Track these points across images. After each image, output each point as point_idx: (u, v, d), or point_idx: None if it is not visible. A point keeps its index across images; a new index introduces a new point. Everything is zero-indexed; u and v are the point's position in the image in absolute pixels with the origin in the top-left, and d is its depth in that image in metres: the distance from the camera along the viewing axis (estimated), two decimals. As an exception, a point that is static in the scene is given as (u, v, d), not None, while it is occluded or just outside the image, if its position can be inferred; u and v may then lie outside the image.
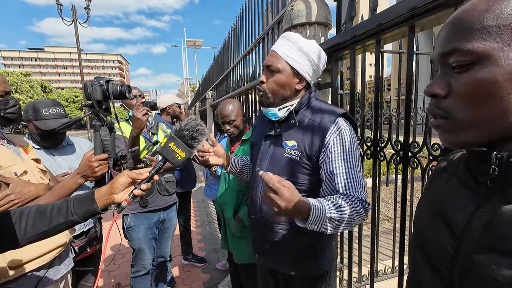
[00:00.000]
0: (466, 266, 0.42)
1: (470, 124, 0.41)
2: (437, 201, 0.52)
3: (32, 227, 0.71)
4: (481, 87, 0.38)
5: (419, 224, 0.55)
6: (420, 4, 0.92)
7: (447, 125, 0.43)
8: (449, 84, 0.42)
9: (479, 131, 0.40)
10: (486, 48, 0.37)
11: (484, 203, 0.43)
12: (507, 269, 0.37)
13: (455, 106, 0.42)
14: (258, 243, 1.19)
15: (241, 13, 3.09)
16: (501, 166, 0.39)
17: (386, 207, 4.43)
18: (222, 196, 1.80)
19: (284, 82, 1.04)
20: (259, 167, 1.15)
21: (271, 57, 1.05)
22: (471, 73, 0.39)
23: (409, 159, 1.14)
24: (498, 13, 0.37)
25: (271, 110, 1.09)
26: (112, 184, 0.76)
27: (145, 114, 1.52)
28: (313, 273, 1.10)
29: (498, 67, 0.37)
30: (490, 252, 0.39)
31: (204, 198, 5.18)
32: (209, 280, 2.64)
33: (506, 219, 0.39)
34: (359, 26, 1.20)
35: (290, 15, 1.58)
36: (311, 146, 1.00)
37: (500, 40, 0.37)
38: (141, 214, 1.94)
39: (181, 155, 0.79)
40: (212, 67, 6.01)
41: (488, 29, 0.37)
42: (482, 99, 0.38)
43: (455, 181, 0.50)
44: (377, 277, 2.21)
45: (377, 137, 1.32)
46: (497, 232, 0.39)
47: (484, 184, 0.43)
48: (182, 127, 0.80)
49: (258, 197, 1.14)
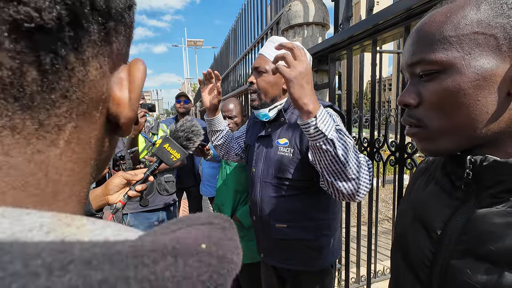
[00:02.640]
0: (443, 272, 0.42)
1: (443, 131, 0.41)
2: (416, 204, 0.53)
3: None
4: (447, 95, 0.39)
5: (400, 225, 0.56)
6: (416, 4, 0.92)
7: (422, 133, 0.44)
8: (420, 93, 0.43)
9: (453, 138, 0.41)
10: (449, 57, 0.38)
11: (460, 207, 0.43)
12: (481, 275, 0.37)
13: (427, 115, 0.42)
14: (263, 243, 1.20)
15: (240, 13, 3.09)
16: (475, 170, 0.40)
17: (386, 207, 4.42)
18: (220, 197, 1.80)
19: (272, 81, 1.08)
20: (255, 168, 1.16)
21: (259, 59, 1.10)
22: (438, 81, 0.40)
23: (405, 160, 1.14)
24: (456, 24, 0.38)
25: (262, 112, 1.12)
26: (107, 185, 0.77)
27: (143, 116, 1.52)
28: (318, 267, 1.11)
29: (462, 75, 0.38)
30: (466, 257, 0.39)
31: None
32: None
33: (480, 223, 0.39)
34: (355, 27, 1.20)
35: (288, 15, 1.58)
36: (301, 140, 1.03)
37: (461, 49, 0.38)
38: (140, 213, 1.95)
39: (176, 156, 0.79)
40: (213, 67, 6.01)
41: (449, 39, 0.38)
42: (450, 107, 0.39)
43: (433, 185, 0.50)
44: (375, 278, 2.20)
45: (374, 138, 1.32)
46: (472, 237, 0.39)
47: (460, 188, 0.44)
48: (177, 128, 0.80)
49: (257, 197, 1.16)
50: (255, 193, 1.17)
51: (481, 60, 0.37)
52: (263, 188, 1.13)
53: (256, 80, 1.11)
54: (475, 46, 0.37)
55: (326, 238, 1.11)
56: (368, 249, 1.47)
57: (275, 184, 1.09)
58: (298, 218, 1.07)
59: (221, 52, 4.74)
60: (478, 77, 0.37)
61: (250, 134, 1.31)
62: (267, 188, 1.12)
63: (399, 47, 2.00)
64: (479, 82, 0.37)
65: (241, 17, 3.08)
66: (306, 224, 1.07)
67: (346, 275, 1.61)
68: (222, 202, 1.76)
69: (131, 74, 0.21)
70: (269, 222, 1.12)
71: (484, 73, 0.37)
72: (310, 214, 1.08)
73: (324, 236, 1.10)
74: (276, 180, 1.08)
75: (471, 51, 0.37)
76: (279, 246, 1.13)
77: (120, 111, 0.21)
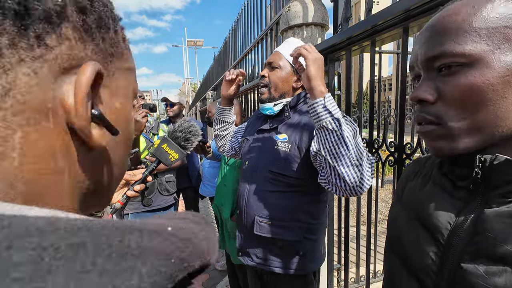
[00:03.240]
0: (453, 275, 0.40)
1: (464, 129, 0.39)
2: (413, 206, 0.51)
3: None
4: (474, 90, 0.37)
5: (394, 228, 0.54)
6: (415, 5, 0.92)
7: (439, 131, 0.41)
8: (438, 89, 0.41)
9: (474, 136, 0.39)
10: (478, 50, 0.37)
11: (465, 207, 0.42)
12: (498, 277, 0.35)
13: (448, 112, 0.40)
14: (244, 241, 1.19)
15: (240, 13, 3.10)
16: (484, 169, 0.38)
17: (386, 207, 4.42)
18: (219, 197, 1.80)
19: (284, 77, 1.12)
20: (249, 161, 1.17)
21: (274, 55, 1.14)
22: (462, 76, 0.38)
23: (404, 161, 1.15)
24: (485, 16, 0.37)
25: (268, 105, 1.14)
26: None
27: (144, 116, 1.53)
28: (299, 272, 1.09)
29: (491, 69, 0.36)
30: (479, 259, 0.38)
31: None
32: (207, 280, 2.65)
33: (492, 223, 0.37)
34: (354, 27, 1.20)
35: (287, 16, 1.59)
36: (301, 138, 1.04)
37: (491, 43, 0.36)
38: (141, 213, 1.96)
39: (174, 156, 0.80)
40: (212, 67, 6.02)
41: (478, 32, 0.37)
42: (475, 103, 0.38)
43: (431, 185, 0.49)
44: (375, 278, 2.21)
45: (372, 138, 1.32)
46: (483, 238, 0.38)
47: (463, 188, 0.42)
48: (175, 129, 0.81)
49: (245, 190, 1.16)
50: (244, 185, 1.16)
51: (510, 55, 0.36)
52: (253, 181, 1.13)
53: (268, 73, 1.14)
54: (505, 40, 0.36)
55: (310, 243, 1.09)
56: (367, 249, 1.48)
57: (266, 178, 1.09)
58: (283, 216, 1.06)
59: (221, 52, 4.75)
60: (508, 72, 0.36)
61: (249, 128, 1.31)
62: (258, 181, 1.11)
63: (398, 47, 2.00)
64: (509, 78, 0.36)
65: (241, 17, 3.08)
66: (290, 224, 1.06)
67: (346, 275, 1.62)
68: (222, 203, 1.76)
69: (77, 79, 0.20)
70: (253, 216, 1.11)
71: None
72: (296, 215, 1.06)
73: (307, 240, 1.08)
74: (268, 174, 1.08)
75: (501, 45, 0.36)
76: (260, 245, 1.11)
77: (70, 119, 0.20)
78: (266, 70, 1.14)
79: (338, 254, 2.10)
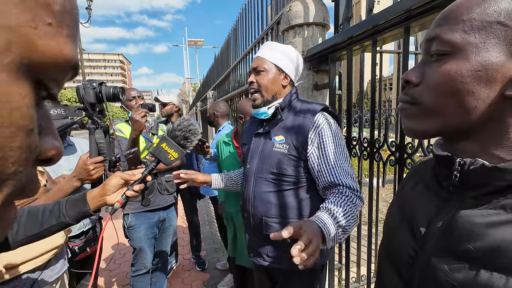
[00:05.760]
0: (424, 269, 0.43)
1: (431, 111, 0.41)
2: (404, 206, 0.53)
3: (23, 229, 0.71)
4: (447, 79, 0.39)
5: (388, 229, 0.56)
6: (416, 5, 0.92)
7: (411, 110, 0.44)
8: (423, 73, 0.43)
9: (438, 120, 0.41)
10: (463, 41, 0.37)
11: (445, 207, 0.43)
12: (459, 273, 0.37)
13: (423, 94, 0.42)
14: (253, 242, 1.22)
15: (241, 13, 3.09)
16: (462, 172, 0.40)
17: (387, 207, 4.41)
18: (230, 206, 1.84)
19: (272, 79, 1.14)
20: (250, 164, 1.20)
21: (256, 60, 1.16)
22: (442, 63, 0.39)
23: (405, 160, 1.14)
24: (485, 8, 0.36)
25: (262, 110, 1.16)
26: (104, 186, 0.77)
27: (143, 116, 1.52)
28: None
29: (467, 62, 0.37)
30: (446, 256, 0.40)
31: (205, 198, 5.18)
32: (208, 279, 2.65)
33: (461, 223, 0.39)
34: (355, 27, 1.20)
35: (288, 15, 1.58)
36: (297, 138, 1.08)
37: (479, 36, 0.36)
38: (141, 213, 1.96)
39: (173, 155, 0.79)
40: (213, 66, 6.02)
41: (473, 23, 0.37)
42: (446, 91, 0.39)
43: (422, 186, 0.51)
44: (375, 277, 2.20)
45: (373, 138, 1.32)
46: (453, 236, 0.40)
47: (446, 188, 0.44)
48: (174, 128, 0.80)
49: (250, 193, 1.18)
50: (248, 188, 1.19)
51: (491, 52, 0.36)
52: (256, 184, 1.16)
53: (255, 78, 1.15)
54: (492, 36, 0.36)
55: None
56: (369, 249, 1.47)
57: (268, 179, 1.12)
58: (289, 214, 1.10)
59: (222, 52, 4.74)
60: (481, 68, 0.36)
61: (247, 133, 1.33)
62: (260, 184, 1.14)
63: (399, 47, 2.00)
64: (480, 73, 0.36)
65: (242, 17, 3.08)
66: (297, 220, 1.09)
67: (347, 275, 1.61)
68: (233, 211, 1.80)
69: None
70: (260, 218, 1.14)
71: (488, 66, 0.36)
72: (301, 210, 1.10)
73: None
74: (270, 175, 1.11)
75: (486, 40, 0.36)
76: (269, 244, 1.14)
77: None
78: (253, 76, 1.16)
79: (339, 254, 2.10)
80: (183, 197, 2.86)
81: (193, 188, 2.77)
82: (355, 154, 1.45)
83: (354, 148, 1.46)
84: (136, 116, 1.50)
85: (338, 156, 1.03)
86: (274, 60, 1.13)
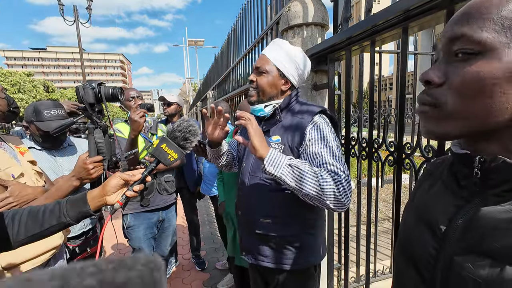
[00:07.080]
0: (446, 268, 0.43)
1: (456, 115, 0.40)
2: (421, 206, 0.52)
3: (24, 229, 0.71)
4: (477, 79, 0.37)
5: (404, 229, 0.56)
6: (414, 5, 0.92)
7: (432, 112, 0.42)
8: (447, 73, 0.41)
9: (462, 124, 0.40)
10: (494, 40, 0.36)
11: (465, 205, 0.43)
12: (483, 269, 0.37)
13: (447, 96, 0.40)
14: (246, 241, 1.22)
15: (241, 13, 3.09)
16: (483, 169, 0.40)
17: (387, 207, 4.42)
18: (230, 206, 1.85)
19: (271, 82, 1.12)
20: (245, 163, 1.20)
21: (261, 59, 1.14)
22: (472, 64, 0.38)
23: (403, 161, 1.15)
24: None
25: (258, 107, 1.15)
26: (104, 186, 0.77)
27: (142, 116, 1.52)
28: (301, 267, 1.12)
29: (500, 62, 0.36)
30: (469, 253, 0.40)
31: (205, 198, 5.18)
32: (208, 279, 2.65)
33: (484, 221, 0.39)
34: (354, 27, 1.20)
35: (287, 16, 1.58)
36: (293, 139, 1.07)
37: (510, 35, 0.36)
38: (140, 213, 1.96)
39: (173, 156, 0.79)
40: (213, 66, 6.01)
41: (503, 22, 0.36)
42: (476, 93, 0.38)
43: (440, 185, 0.50)
44: (375, 277, 2.21)
45: (372, 138, 1.32)
46: (475, 234, 0.40)
47: (465, 187, 0.44)
48: (174, 128, 0.81)
49: (245, 191, 1.18)
50: (243, 187, 1.19)
51: None
52: (251, 183, 1.16)
53: (256, 78, 1.15)
54: None
55: (310, 237, 1.13)
56: (368, 249, 1.48)
57: (263, 179, 1.12)
58: (283, 213, 1.10)
59: (222, 51, 4.74)
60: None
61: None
62: (255, 183, 1.14)
63: (398, 47, 2.00)
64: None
65: (242, 17, 3.08)
66: (289, 220, 1.10)
67: (346, 275, 1.62)
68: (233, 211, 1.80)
69: None
70: (254, 216, 1.14)
71: None
72: (295, 211, 1.10)
73: (308, 234, 1.12)
74: (264, 174, 1.10)
75: None
76: (262, 243, 1.14)
77: None
78: (254, 74, 1.15)
79: (338, 254, 2.10)
80: (183, 197, 2.87)
81: (193, 188, 2.77)
82: (353, 154, 1.46)
83: (353, 148, 1.46)
84: (135, 116, 1.50)
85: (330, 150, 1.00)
86: (278, 63, 1.11)
